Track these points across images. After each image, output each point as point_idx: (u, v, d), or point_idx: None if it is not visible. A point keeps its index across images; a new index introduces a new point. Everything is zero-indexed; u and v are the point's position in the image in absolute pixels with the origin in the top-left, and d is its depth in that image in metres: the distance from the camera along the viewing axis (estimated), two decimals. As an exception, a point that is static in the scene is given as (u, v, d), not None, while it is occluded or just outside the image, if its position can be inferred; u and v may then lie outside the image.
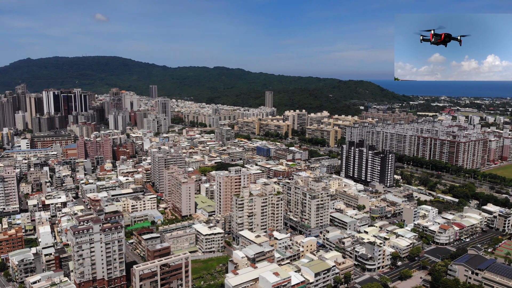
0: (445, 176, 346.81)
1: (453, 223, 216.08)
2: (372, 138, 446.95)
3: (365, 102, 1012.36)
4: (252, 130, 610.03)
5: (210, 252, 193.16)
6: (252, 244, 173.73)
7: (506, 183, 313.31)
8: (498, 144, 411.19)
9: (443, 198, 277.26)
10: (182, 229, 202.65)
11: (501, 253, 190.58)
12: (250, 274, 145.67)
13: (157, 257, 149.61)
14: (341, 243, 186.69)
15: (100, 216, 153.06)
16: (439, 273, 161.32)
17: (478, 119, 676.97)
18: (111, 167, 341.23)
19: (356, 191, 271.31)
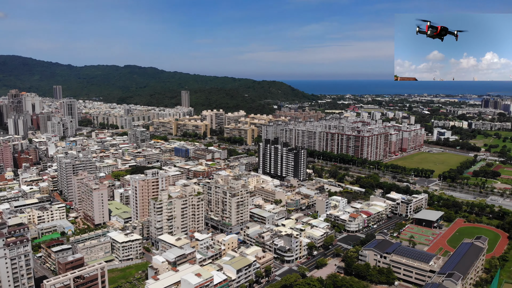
0: (352, 168, 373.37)
1: (361, 211, 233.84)
2: (286, 135, 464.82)
3: (278, 101, 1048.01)
4: (169, 131, 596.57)
5: (128, 260, 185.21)
6: (173, 247, 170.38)
7: (406, 172, 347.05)
8: (398, 137, 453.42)
9: (351, 188, 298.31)
10: (95, 238, 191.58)
11: (405, 236, 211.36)
12: (172, 278, 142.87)
13: (69, 269, 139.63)
14: (260, 237, 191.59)
15: (2, 230, 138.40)
16: (352, 259, 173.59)
17: (379, 114, 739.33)
18: (13, 176, 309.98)
19: (273, 186, 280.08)
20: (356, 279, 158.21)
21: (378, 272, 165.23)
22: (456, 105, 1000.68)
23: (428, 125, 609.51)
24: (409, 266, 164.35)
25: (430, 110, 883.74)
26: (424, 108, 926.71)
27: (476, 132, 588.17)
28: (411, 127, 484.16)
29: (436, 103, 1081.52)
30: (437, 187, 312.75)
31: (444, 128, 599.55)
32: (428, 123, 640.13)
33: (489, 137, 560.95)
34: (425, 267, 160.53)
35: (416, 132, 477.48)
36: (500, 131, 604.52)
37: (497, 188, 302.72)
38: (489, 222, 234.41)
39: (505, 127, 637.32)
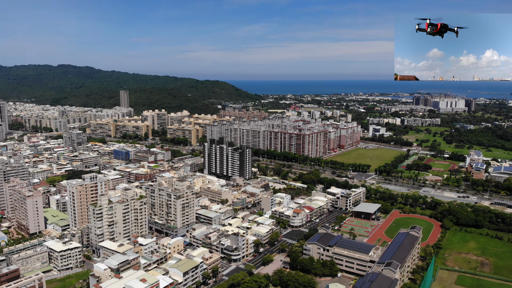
0: (295, 165, 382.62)
1: (304, 207, 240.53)
2: (231, 135, 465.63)
3: (222, 101, 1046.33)
4: (108, 133, 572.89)
5: (67, 269, 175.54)
6: (115, 254, 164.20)
7: (344, 167, 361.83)
8: (336, 134, 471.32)
9: (294, 185, 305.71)
10: (31, 249, 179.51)
11: (346, 229, 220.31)
12: (115, 286, 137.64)
13: (4, 282, 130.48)
14: (207, 238, 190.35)
15: None
16: (296, 253, 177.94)
17: (319, 113, 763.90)
18: None
19: (219, 186, 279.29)
20: (301, 273, 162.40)
21: (321, 265, 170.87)
22: (389, 103, 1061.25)
23: (364, 123, 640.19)
24: (350, 258, 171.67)
25: (365, 108, 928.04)
26: (360, 107, 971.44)
27: (408, 128, 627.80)
28: (348, 125, 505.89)
29: (371, 102, 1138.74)
30: (374, 181, 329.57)
31: (379, 125, 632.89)
32: (364, 121, 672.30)
33: (420, 132, 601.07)
34: (366, 258, 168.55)
35: (353, 129, 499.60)
36: (430, 127, 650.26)
37: (429, 180, 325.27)
38: (422, 212, 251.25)
39: (435, 122, 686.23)
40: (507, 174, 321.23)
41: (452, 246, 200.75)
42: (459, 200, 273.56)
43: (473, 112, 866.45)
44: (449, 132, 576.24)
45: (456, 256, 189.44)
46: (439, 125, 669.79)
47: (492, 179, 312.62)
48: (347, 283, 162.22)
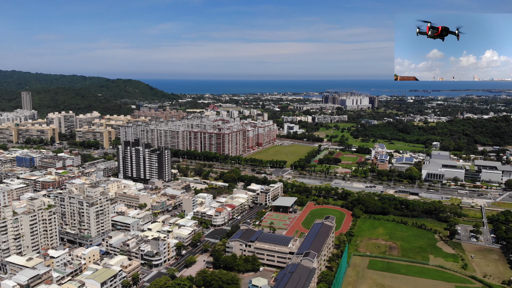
0: (216, 164, 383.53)
1: (226, 205, 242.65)
2: (147, 136, 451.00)
3: (137, 101, 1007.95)
4: (9, 138, 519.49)
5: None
6: (24, 269, 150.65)
7: (263, 164, 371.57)
8: (254, 132, 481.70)
9: (216, 184, 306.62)
10: None
11: (266, 223, 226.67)
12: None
13: None
14: (125, 245, 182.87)
15: None
16: (219, 252, 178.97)
17: (237, 113, 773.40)
18: None
19: (136, 190, 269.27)
20: (225, 271, 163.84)
21: (244, 261, 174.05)
22: (301, 102, 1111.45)
23: (279, 121, 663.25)
24: (271, 251, 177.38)
25: (280, 107, 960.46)
26: (275, 106, 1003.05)
27: (319, 125, 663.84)
28: (265, 123, 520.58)
29: (285, 101, 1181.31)
30: (290, 175, 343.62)
31: (292, 123, 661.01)
32: (279, 119, 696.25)
33: (330, 128, 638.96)
34: (285, 250, 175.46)
35: (270, 127, 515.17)
36: (339, 123, 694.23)
37: (339, 173, 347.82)
38: (335, 203, 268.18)
39: (343, 119, 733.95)
40: (408, 164, 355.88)
41: (363, 233, 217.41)
42: (367, 190, 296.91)
43: (376, 108, 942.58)
44: (355, 127, 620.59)
45: (367, 242, 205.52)
46: (347, 121, 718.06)
47: (395, 169, 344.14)
48: (269, 276, 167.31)
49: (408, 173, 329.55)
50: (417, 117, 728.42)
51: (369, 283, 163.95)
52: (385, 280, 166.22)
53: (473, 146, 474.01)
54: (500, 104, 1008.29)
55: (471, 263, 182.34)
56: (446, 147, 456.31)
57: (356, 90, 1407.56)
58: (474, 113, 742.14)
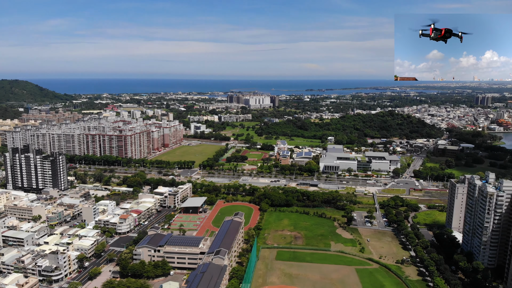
0: (118, 169, 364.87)
1: (131, 211, 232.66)
2: (38, 141, 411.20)
3: (25, 103, 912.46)
4: None
5: None
6: None
7: (170, 166, 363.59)
8: (160, 133, 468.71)
9: (119, 190, 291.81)
10: None
11: (176, 226, 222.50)
12: None
13: None
14: (20, 262, 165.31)
15: None
16: (126, 260, 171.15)
17: (139, 113, 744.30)
18: None
19: (28, 202, 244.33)
20: (133, 279, 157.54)
21: (153, 266, 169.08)
22: (207, 102, 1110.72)
23: (185, 121, 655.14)
24: (181, 254, 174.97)
25: (186, 107, 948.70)
26: (180, 105, 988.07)
27: (225, 124, 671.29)
28: (171, 124, 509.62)
29: (190, 100, 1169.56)
30: (199, 175, 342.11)
31: (199, 122, 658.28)
32: (185, 119, 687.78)
33: (236, 127, 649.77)
34: (196, 251, 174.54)
35: (176, 127, 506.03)
36: (244, 122, 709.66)
37: (246, 170, 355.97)
38: (243, 199, 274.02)
39: (247, 118, 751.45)
40: (307, 158, 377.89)
41: (270, 225, 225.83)
42: (272, 184, 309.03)
43: (277, 107, 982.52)
44: (259, 126, 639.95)
45: (274, 234, 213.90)
46: (251, 120, 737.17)
47: (296, 163, 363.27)
48: (181, 279, 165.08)
49: (307, 167, 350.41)
50: (313, 115, 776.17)
51: (278, 274, 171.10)
52: (292, 269, 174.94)
53: (363, 139, 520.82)
54: (385, 100, 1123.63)
55: (367, 246, 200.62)
56: (340, 141, 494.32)
57: (258, 90, 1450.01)
58: (363, 109, 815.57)
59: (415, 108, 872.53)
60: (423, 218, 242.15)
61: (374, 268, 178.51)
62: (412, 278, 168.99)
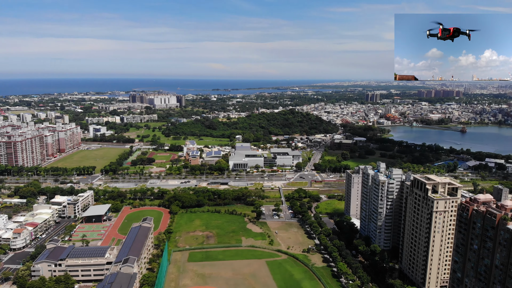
0: (8, 178, 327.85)
1: (26, 224, 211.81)
2: None
3: None
4: None
5: None
6: None
7: (68, 173, 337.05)
8: (54, 138, 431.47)
9: (10, 202, 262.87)
10: None
11: (78, 237, 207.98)
12: None
13: None
14: None
15: None
16: (24, 278, 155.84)
17: (30, 116, 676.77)
18: None
19: None
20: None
21: (55, 282, 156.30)
22: (107, 102, 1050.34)
23: (83, 123, 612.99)
24: (86, 266, 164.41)
25: (83, 108, 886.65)
26: (77, 107, 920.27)
27: (128, 125, 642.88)
28: (67, 127, 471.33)
29: (88, 101, 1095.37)
30: (101, 181, 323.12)
31: (99, 124, 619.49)
32: (83, 121, 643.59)
33: (141, 128, 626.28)
34: (102, 261, 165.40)
35: (72, 131, 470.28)
36: (149, 123, 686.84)
37: (154, 172, 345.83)
38: (152, 203, 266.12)
39: (153, 118, 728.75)
40: (217, 157, 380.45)
41: (181, 228, 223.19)
42: (182, 185, 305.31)
43: (184, 107, 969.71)
44: (166, 126, 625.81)
45: (185, 236, 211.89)
46: (157, 121, 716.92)
47: (206, 163, 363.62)
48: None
49: (217, 166, 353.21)
50: (221, 114, 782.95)
51: (191, 276, 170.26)
52: (205, 269, 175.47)
53: (268, 136, 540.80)
54: (286, 99, 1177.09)
55: (276, 238, 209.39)
56: (247, 139, 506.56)
57: (163, 89, 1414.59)
58: (267, 108, 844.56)
59: (313, 106, 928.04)
60: (324, 207, 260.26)
61: (283, 259, 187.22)
62: (318, 265, 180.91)
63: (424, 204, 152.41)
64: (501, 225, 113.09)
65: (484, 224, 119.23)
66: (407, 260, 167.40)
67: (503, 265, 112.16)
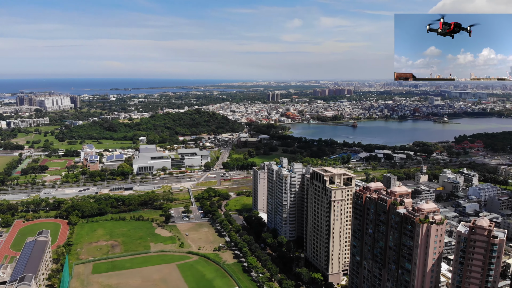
0: None
1: None
2: None
3: None
4: None
5: None
6: None
7: None
8: None
9: None
10: None
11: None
12: None
13: None
14: None
15: None
16: None
17: None
18: None
19: None
20: None
21: None
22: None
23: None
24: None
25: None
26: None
27: (16, 131, 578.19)
28: None
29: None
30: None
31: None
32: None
33: (30, 133, 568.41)
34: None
35: None
36: (40, 127, 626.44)
37: (48, 181, 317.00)
38: (47, 215, 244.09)
39: (44, 122, 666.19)
40: (119, 161, 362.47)
41: (83, 239, 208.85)
42: (81, 193, 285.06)
43: (79, 108, 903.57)
44: (59, 130, 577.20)
45: (88, 248, 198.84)
46: (49, 124, 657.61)
47: (107, 168, 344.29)
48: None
49: (120, 170, 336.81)
50: (122, 115, 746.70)
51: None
52: (112, 280, 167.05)
53: (175, 137, 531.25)
54: (192, 99, 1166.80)
55: (186, 240, 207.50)
56: (152, 140, 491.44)
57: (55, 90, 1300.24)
58: (172, 108, 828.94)
59: (219, 106, 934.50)
60: (234, 204, 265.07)
61: (194, 260, 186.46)
62: (229, 262, 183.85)
63: (323, 194, 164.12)
64: (391, 209, 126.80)
65: (377, 210, 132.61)
66: (311, 248, 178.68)
67: (396, 246, 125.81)
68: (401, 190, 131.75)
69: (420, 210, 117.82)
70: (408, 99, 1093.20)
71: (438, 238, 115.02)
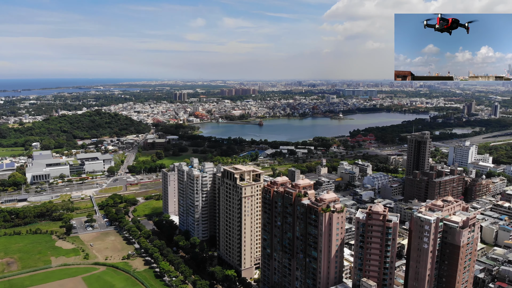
0: None
1: None
2: None
3: None
4: None
5: None
6: None
7: None
8: None
9: None
10: None
11: None
12: None
13: None
14: None
15: None
16: None
17: None
18: None
19: None
20: None
21: None
22: None
23: None
24: None
25: None
26: None
27: None
28: None
29: None
30: None
31: None
32: None
33: None
34: None
35: None
36: None
37: None
38: None
39: None
40: (10, 171, 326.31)
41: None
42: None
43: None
44: None
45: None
46: None
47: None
48: None
49: (12, 180, 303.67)
50: (11, 119, 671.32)
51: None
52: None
53: (73, 141, 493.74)
54: (90, 99, 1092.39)
55: (92, 251, 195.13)
56: (47, 146, 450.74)
57: None
58: (69, 110, 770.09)
59: (121, 106, 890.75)
60: (142, 210, 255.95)
61: (101, 271, 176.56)
62: (139, 269, 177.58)
63: (234, 191, 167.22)
64: (297, 201, 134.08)
65: (284, 203, 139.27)
66: (224, 246, 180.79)
67: (302, 236, 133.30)
68: (304, 183, 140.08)
69: (322, 200, 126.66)
70: (307, 98, 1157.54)
71: (339, 225, 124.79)
